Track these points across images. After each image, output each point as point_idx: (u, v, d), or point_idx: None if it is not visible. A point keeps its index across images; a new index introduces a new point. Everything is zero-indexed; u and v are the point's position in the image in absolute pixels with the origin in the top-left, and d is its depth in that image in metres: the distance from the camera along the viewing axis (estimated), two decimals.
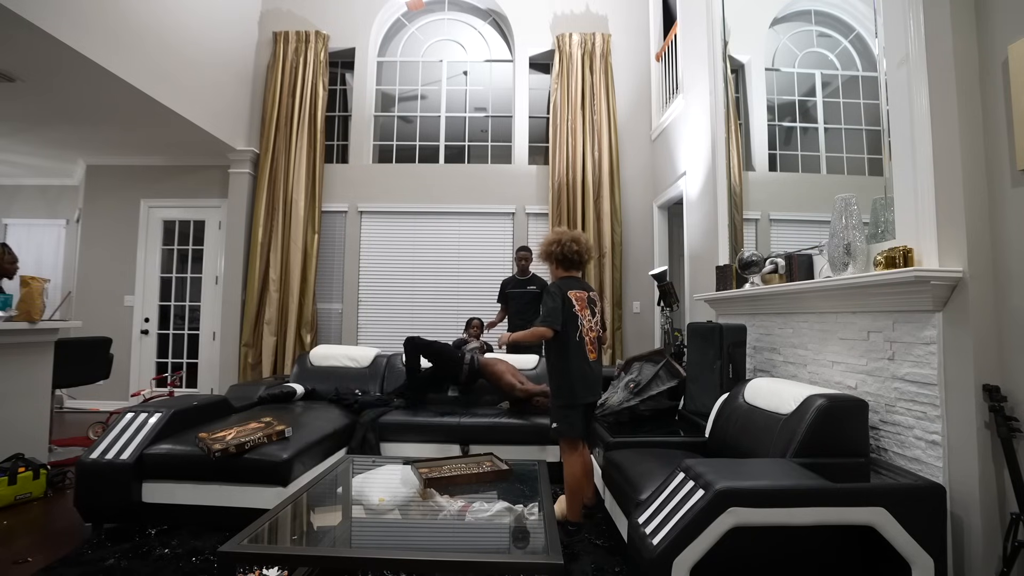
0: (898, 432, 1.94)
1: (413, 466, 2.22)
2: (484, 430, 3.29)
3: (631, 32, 5.37)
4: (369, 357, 4.03)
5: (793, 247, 2.70)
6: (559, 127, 5.13)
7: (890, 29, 2.02)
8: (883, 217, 2.12)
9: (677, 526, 1.53)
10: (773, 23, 3.14)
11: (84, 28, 3.26)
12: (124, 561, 2.18)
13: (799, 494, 1.54)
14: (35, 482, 2.86)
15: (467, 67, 5.65)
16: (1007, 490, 1.62)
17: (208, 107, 4.61)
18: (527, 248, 4.51)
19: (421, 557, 1.52)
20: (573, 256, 2.57)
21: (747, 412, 2.26)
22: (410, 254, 5.31)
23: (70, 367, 3.53)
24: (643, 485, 1.99)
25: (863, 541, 1.66)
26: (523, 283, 4.42)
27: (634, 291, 5.15)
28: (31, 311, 2.98)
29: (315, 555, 1.56)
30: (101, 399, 5.20)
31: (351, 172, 5.38)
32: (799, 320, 2.56)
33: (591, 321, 2.57)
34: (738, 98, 3.43)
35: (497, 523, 1.73)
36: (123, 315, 5.40)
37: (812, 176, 2.84)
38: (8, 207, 6.43)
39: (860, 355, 2.14)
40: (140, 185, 5.51)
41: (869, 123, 2.35)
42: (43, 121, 4.46)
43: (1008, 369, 1.64)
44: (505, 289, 4.48)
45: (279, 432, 2.64)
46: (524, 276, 4.45)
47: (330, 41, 5.34)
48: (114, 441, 2.51)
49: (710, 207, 3.65)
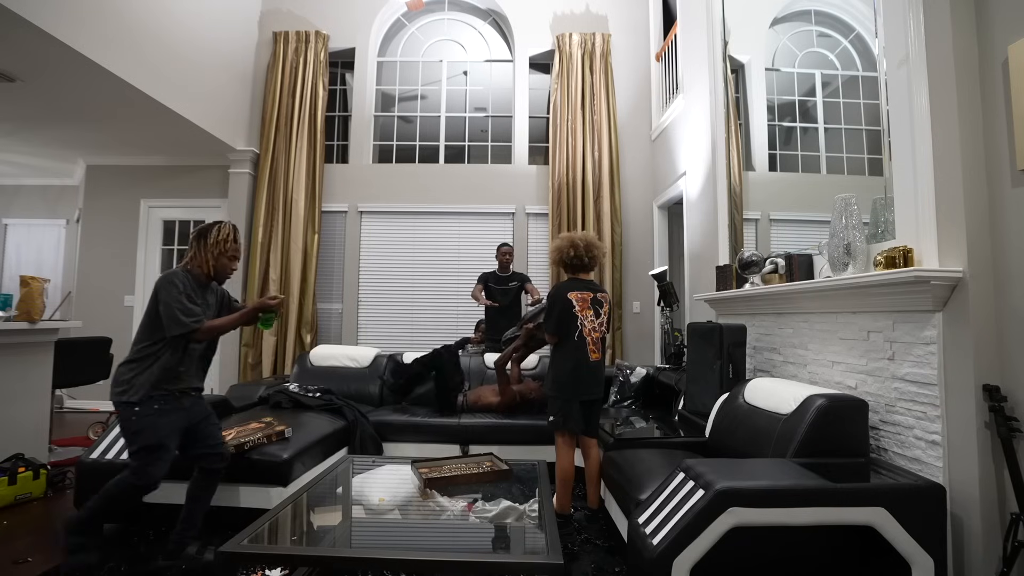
0: (898, 432, 1.94)
1: (413, 466, 2.22)
2: (484, 430, 3.30)
3: (631, 32, 5.37)
4: (369, 357, 4.03)
5: (793, 247, 2.70)
6: (559, 127, 5.13)
7: (890, 29, 2.02)
8: (883, 217, 2.12)
9: (677, 526, 1.53)
10: (773, 23, 3.14)
11: (84, 28, 3.26)
12: (124, 563, 2.17)
13: (799, 494, 1.54)
14: (35, 482, 2.86)
15: (467, 67, 5.65)
16: (1007, 490, 1.61)
17: (208, 107, 4.61)
18: (509, 245, 4.57)
19: (421, 557, 1.52)
20: (575, 261, 2.71)
21: (747, 412, 2.26)
22: (410, 254, 5.30)
23: (70, 367, 3.53)
24: (643, 485, 1.99)
25: (863, 541, 1.66)
26: (504, 280, 4.47)
27: (634, 291, 5.15)
28: (31, 311, 2.98)
29: (315, 555, 1.56)
30: (101, 399, 5.19)
31: (351, 172, 5.38)
32: (799, 320, 2.56)
33: (594, 321, 2.63)
34: (738, 98, 3.43)
35: (498, 523, 1.73)
36: (123, 315, 5.40)
37: (812, 176, 2.84)
38: (8, 207, 6.43)
39: (860, 355, 2.14)
40: (140, 185, 5.51)
41: (869, 123, 2.35)
42: (43, 121, 4.46)
43: (1008, 369, 1.64)
44: (487, 284, 4.52)
45: (279, 432, 2.64)
46: (505, 272, 4.50)
47: (330, 41, 5.34)
48: (114, 441, 2.51)
49: (710, 207, 3.65)
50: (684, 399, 3.07)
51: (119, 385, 2.08)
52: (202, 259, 2.19)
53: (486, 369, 3.96)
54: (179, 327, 2.06)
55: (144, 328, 2.12)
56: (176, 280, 2.10)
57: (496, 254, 4.56)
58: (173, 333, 2.07)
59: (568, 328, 2.60)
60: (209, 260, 2.19)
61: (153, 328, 2.10)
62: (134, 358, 2.11)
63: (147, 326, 2.11)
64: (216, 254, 2.19)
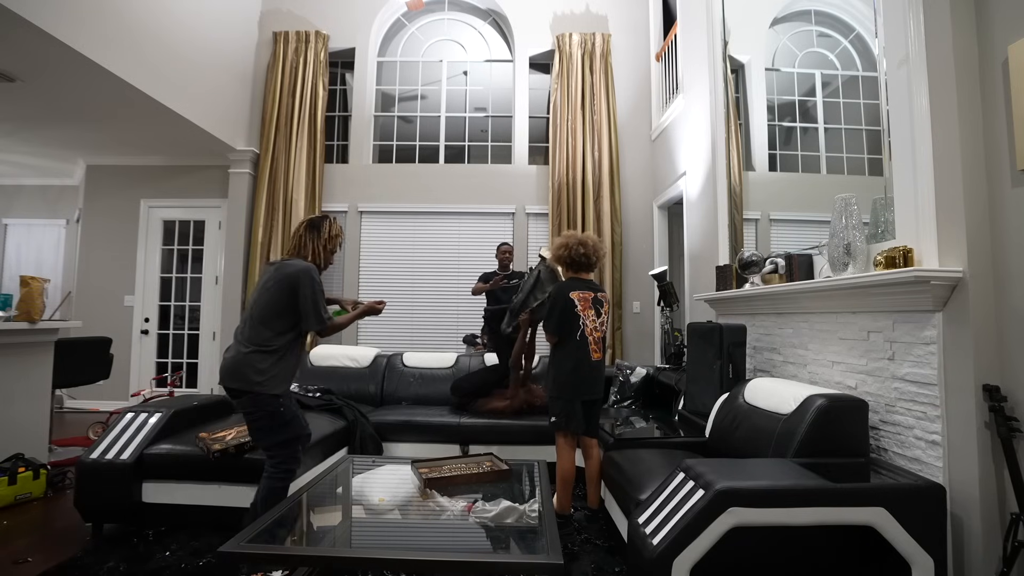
0: (898, 432, 1.94)
1: (413, 466, 2.22)
2: (484, 430, 3.30)
3: (631, 32, 5.37)
4: (369, 357, 4.03)
5: (793, 247, 2.70)
6: (559, 127, 5.13)
7: (890, 29, 2.02)
8: (883, 217, 2.12)
9: (677, 526, 1.53)
10: (773, 23, 3.14)
11: (83, 28, 3.26)
12: (123, 563, 2.17)
13: (799, 494, 1.54)
14: (35, 482, 2.86)
15: (467, 67, 5.65)
16: (1007, 490, 1.61)
17: (208, 107, 4.61)
18: (509, 244, 4.56)
19: (421, 557, 1.52)
20: (581, 259, 2.69)
21: (747, 412, 2.26)
22: (410, 254, 5.30)
23: (70, 367, 3.53)
24: (643, 485, 1.99)
25: (863, 541, 1.66)
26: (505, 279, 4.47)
27: (634, 291, 5.15)
28: (31, 311, 2.98)
29: (315, 555, 1.56)
30: (101, 399, 5.20)
31: (351, 172, 5.38)
32: (799, 320, 2.56)
33: (595, 321, 2.62)
34: (738, 98, 3.43)
35: (498, 523, 1.73)
36: (123, 315, 5.40)
37: (812, 176, 2.84)
38: (8, 207, 6.43)
39: (860, 355, 2.14)
40: (140, 185, 5.51)
41: (869, 123, 2.35)
42: (43, 121, 4.46)
43: (1008, 369, 1.64)
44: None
45: None
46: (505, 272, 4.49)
47: (330, 41, 5.34)
48: (114, 441, 2.51)
49: (710, 207, 3.65)
50: (684, 399, 3.07)
51: (258, 374, 2.03)
52: (316, 251, 2.20)
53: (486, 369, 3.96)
54: (318, 322, 2.08)
55: (272, 317, 2.08)
56: (314, 274, 2.10)
57: (496, 253, 4.56)
58: (311, 327, 2.08)
59: (570, 328, 2.59)
60: (321, 253, 2.21)
61: (283, 317, 2.08)
62: (267, 348, 2.06)
63: (276, 315, 2.07)
64: (330, 249, 2.24)
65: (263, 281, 2.16)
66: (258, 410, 2.07)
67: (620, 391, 3.67)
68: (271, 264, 2.24)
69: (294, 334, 2.12)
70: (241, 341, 2.09)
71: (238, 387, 2.05)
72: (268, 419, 2.07)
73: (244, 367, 2.04)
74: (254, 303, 2.13)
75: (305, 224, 2.24)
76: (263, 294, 2.11)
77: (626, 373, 3.73)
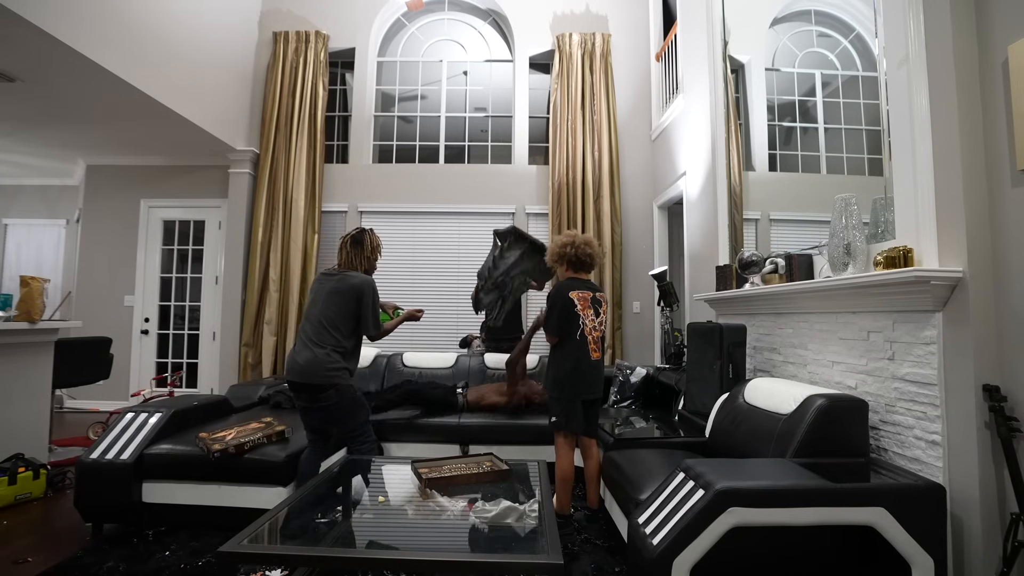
0: (898, 432, 1.94)
1: (413, 466, 2.22)
2: (484, 430, 3.29)
3: (631, 32, 5.37)
4: (369, 357, 4.03)
5: (793, 247, 2.70)
6: (559, 127, 5.13)
7: (890, 29, 2.02)
8: (883, 217, 2.12)
9: (677, 526, 1.53)
10: (773, 23, 3.14)
11: (84, 28, 3.26)
12: (123, 563, 2.17)
13: (799, 494, 1.54)
14: (35, 482, 2.86)
15: (467, 67, 5.65)
16: (1007, 490, 1.62)
17: (208, 107, 4.61)
18: None
19: (421, 557, 1.52)
20: (585, 259, 2.70)
21: (747, 412, 2.26)
22: (410, 254, 5.30)
23: (70, 367, 3.53)
24: (643, 485, 1.99)
25: (863, 541, 1.66)
26: None
27: (634, 291, 5.15)
28: (31, 311, 2.98)
29: (315, 555, 1.56)
30: (101, 399, 5.20)
31: (351, 172, 5.38)
32: (799, 320, 2.56)
33: (594, 320, 2.62)
34: (738, 98, 3.43)
35: (498, 523, 1.73)
36: (123, 315, 5.40)
37: (812, 176, 2.83)
38: (8, 207, 6.43)
39: (860, 355, 2.14)
40: (140, 185, 5.51)
41: (869, 123, 2.35)
42: (43, 121, 4.46)
43: (1008, 369, 1.64)
44: None
45: (279, 432, 2.64)
46: None
47: (330, 41, 5.34)
48: (114, 441, 2.51)
49: (710, 207, 3.65)
50: (684, 399, 3.07)
51: (338, 370, 2.37)
52: (365, 263, 2.52)
53: (486, 368, 3.97)
54: (375, 328, 2.45)
55: (343, 322, 2.41)
56: (375, 286, 2.46)
57: None
58: (368, 332, 2.45)
59: (570, 327, 2.60)
60: (365, 264, 2.52)
61: (353, 323, 2.43)
62: (341, 348, 2.40)
63: (345, 320, 2.41)
64: (375, 259, 2.56)
65: (326, 289, 2.45)
66: (343, 398, 2.40)
67: (620, 391, 3.67)
68: (329, 275, 2.51)
69: (357, 338, 2.48)
70: (316, 343, 2.38)
71: (320, 383, 2.35)
72: (351, 404, 2.43)
73: (324, 365, 2.36)
74: (325, 308, 2.42)
75: (349, 240, 2.52)
76: (333, 300, 2.42)
77: (626, 373, 3.73)
